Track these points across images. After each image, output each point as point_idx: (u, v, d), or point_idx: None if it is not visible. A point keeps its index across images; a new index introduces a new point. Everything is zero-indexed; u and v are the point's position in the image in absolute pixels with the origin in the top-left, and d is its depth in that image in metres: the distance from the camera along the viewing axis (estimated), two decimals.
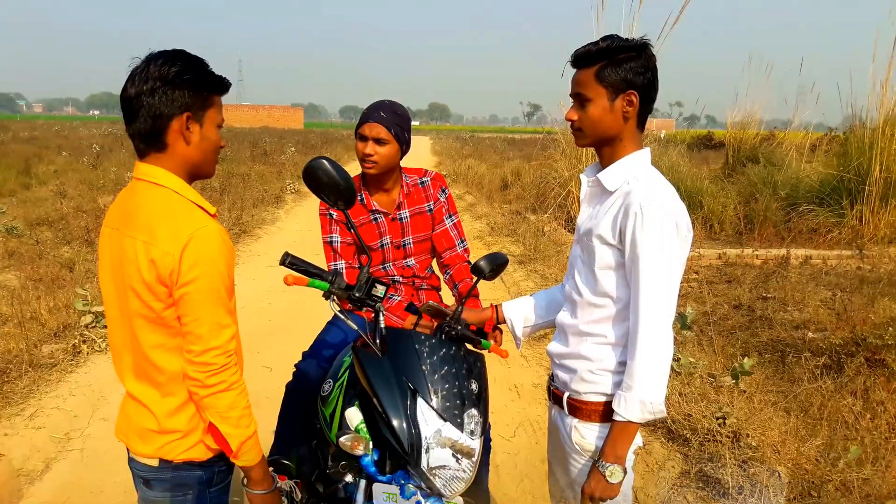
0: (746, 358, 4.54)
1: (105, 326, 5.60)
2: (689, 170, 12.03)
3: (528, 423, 4.40)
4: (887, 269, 8.00)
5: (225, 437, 1.73)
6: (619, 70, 1.83)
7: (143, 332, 1.73)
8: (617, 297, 1.87)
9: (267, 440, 3.64)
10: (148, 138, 1.72)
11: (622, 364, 1.88)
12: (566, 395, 2.00)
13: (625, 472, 1.83)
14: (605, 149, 1.93)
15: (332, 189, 1.99)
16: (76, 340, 5.30)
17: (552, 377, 2.13)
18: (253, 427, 1.77)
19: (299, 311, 6.60)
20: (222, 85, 1.78)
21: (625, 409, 1.78)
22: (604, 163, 1.95)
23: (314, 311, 6.39)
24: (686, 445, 3.90)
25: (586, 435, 1.95)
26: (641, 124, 1.92)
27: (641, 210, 1.75)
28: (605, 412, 1.91)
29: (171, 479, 1.84)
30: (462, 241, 2.94)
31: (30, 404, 4.39)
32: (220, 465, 1.88)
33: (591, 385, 1.93)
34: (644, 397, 1.75)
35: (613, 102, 1.86)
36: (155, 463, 1.82)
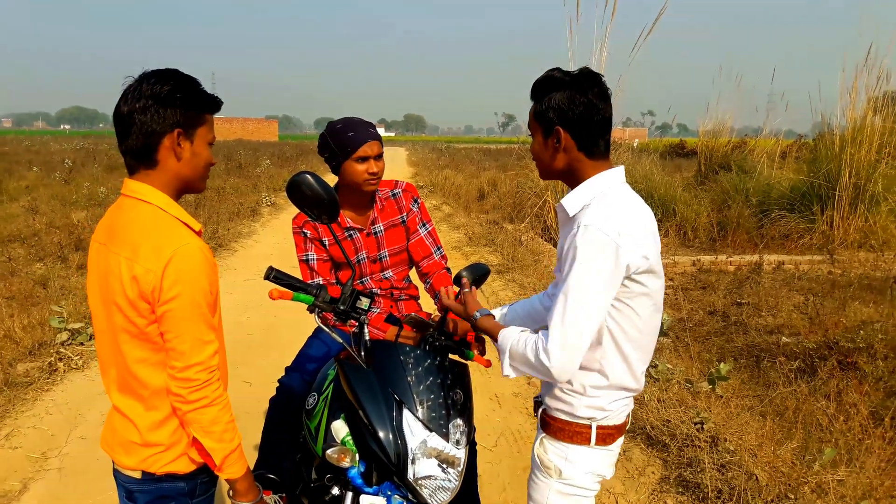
0: (723, 363, 4.61)
1: (81, 343, 5.56)
2: (662, 178, 12.20)
3: (509, 432, 4.42)
4: (857, 274, 8.17)
5: (209, 452, 1.75)
6: (546, 108, 1.86)
7: (127, 347, 1.75)
8: None
9: (248, 454, 3.63)
10: (139, 155, 1.75)
11: (592, 388, 1.90)
12: (542, 408, 2.04)
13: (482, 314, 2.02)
14: (564, 179, 1.96)
15: (315, 203, 2.01)
16: (52, 358, 5.23)
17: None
18: (237, 441, 1.79)
19: (277, 325, 6.58)
20: (214, 104, 1.82)
21: (502, 335, 1.90)
22: (570, 189, 1.96)
23: (292, 325, 6.39)
24: (665, 451, 3.95)
25: (549, 450, 1.98)
26: (592, 153, 1.87)
27: (579, 231, 1.73)
28: (569, 432, 1.93)
29: (153, 490, 1.86)
30: (438, 248, 2.96)
31: (6, 424, 4.33)
32: (203, 476, 1.89)
33: (561, 403, 1.95)
34: (510, 348, 1.85)
35: (546, 140, 1.89)
36: (138, 475, 1.84)
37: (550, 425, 1.98)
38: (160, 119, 1.70)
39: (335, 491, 2.04)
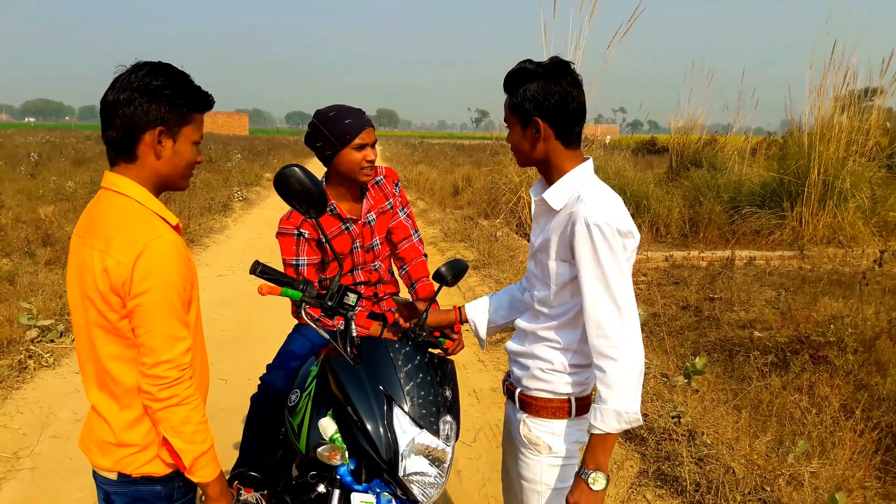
0: (697, 357, 4.66)
1: (52, 341, 5.46)
2: (634, 174, 12.29)
3: (488, 427, 4.43)
4: (827, 269, 8.30)
5: (178, 452, 1.71)
6: (523, 99, 1.88)
7: (100, 343, 1.71)
8: (569, 308, 1.93)
9: (225, 453, 3.58)
10: (119, 147, 1.70)
11: (573, 366, 1.96)
12: (518, 390, 2.08)
13: (607, 479, 1.85)
14: (541, 169, 1.99)
15: (304, 197, 1.97)
16: (21, 356, 5.13)
17: (508, 373, 2.20)
18: (209, 442, 1.74)
19: (252, 321, 6.52)
20: (205, 102, 1.77)
21: (601, 422, 1.79)
22: (547, 181, 1.99)
23: (267, 321, 6.34)
24: (643, 445, 3.98)
25: (533, 428, 2.02)
26: (568, 142, 1.92)
27: (588, 228, 1.78)
28: (552, 409, 1.99)
29: (130, 493, 1.81)
30: (416, 231, 2.97)
31: None
32: (181, 480, 1.84)
33: (541, 383, 2.00)
34: (619, 408, 1.76)
35: (525, 130, 1.91)
36: (114, 476, 1.79)
37: (531, 405, 2.02)
38: (143, 114, 1.65)
39: (321, 489, 2.02)
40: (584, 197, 1.85)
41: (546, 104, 1.86)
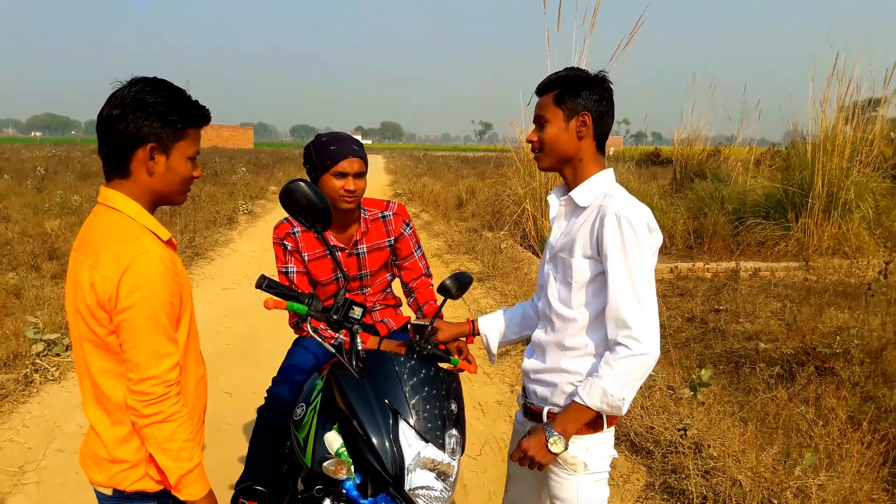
0: (703, 369, 4.64)
1: (58, 355, 5.48)
2: (638, 186, 12.29)
3: (493, 440, 4.41)
4: (832, 280, 8.28)
5: (163, 469, 1.70)
6: (575, 96, 1.97)
7: (91, 357, 1.71)
8: (591, 308, 1.95)
9: (231, 466, 3.59)
10: (113, 163, 1.71)
11: None
12: (546, 409, 2.04)
13: (566, 446, 1.91)
14: (567, 170, 2.03)
15: (309, 211, 2.01)
16: (28, 370, 5.13)
17: (525, 394, 2.17)
18: (195, 460, 1.73)
19: (257, 335, 6.52)
20: (200, 117, 1.77)
21: (586, 395, 1.86)
22: (569, 184, 2.05)
23: (272, 334, 6.34)
24: (650, 458, 3.96)
25: (569, 447, 1.97)
26: (600, 146, 2.04)
27: (619, 220, 1.84)
28: (587, 423, 1.96)
29: None
30: (427, 269, 3.03)
31: None
32: (174, 496, 1.81)
33: (573, 396, 1.96)
34: (608, 388, 1.83)
35: (568, 123, 1.98)
36: (109, 492, 1.79)
37: None
38: (135, 130, 1.66)
39: (327, 503, 2.02)
40: (614, 193, 1.94)
41: (595, 106, 1.98)
